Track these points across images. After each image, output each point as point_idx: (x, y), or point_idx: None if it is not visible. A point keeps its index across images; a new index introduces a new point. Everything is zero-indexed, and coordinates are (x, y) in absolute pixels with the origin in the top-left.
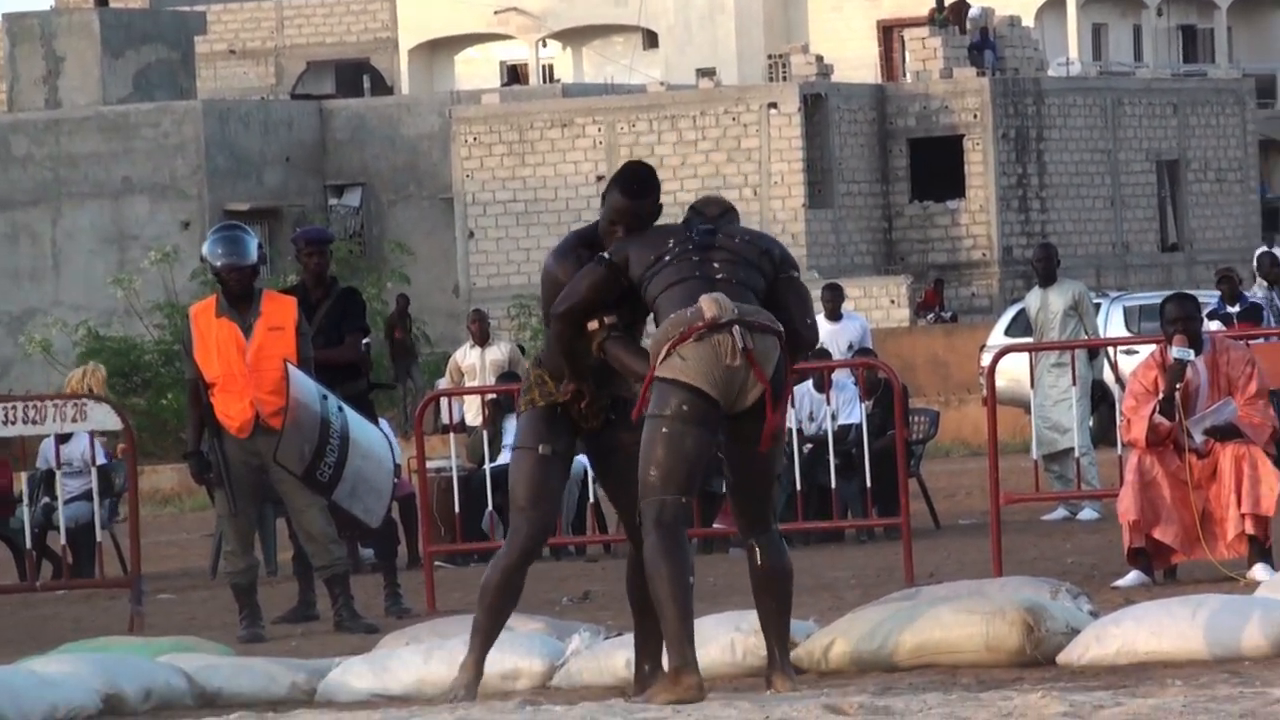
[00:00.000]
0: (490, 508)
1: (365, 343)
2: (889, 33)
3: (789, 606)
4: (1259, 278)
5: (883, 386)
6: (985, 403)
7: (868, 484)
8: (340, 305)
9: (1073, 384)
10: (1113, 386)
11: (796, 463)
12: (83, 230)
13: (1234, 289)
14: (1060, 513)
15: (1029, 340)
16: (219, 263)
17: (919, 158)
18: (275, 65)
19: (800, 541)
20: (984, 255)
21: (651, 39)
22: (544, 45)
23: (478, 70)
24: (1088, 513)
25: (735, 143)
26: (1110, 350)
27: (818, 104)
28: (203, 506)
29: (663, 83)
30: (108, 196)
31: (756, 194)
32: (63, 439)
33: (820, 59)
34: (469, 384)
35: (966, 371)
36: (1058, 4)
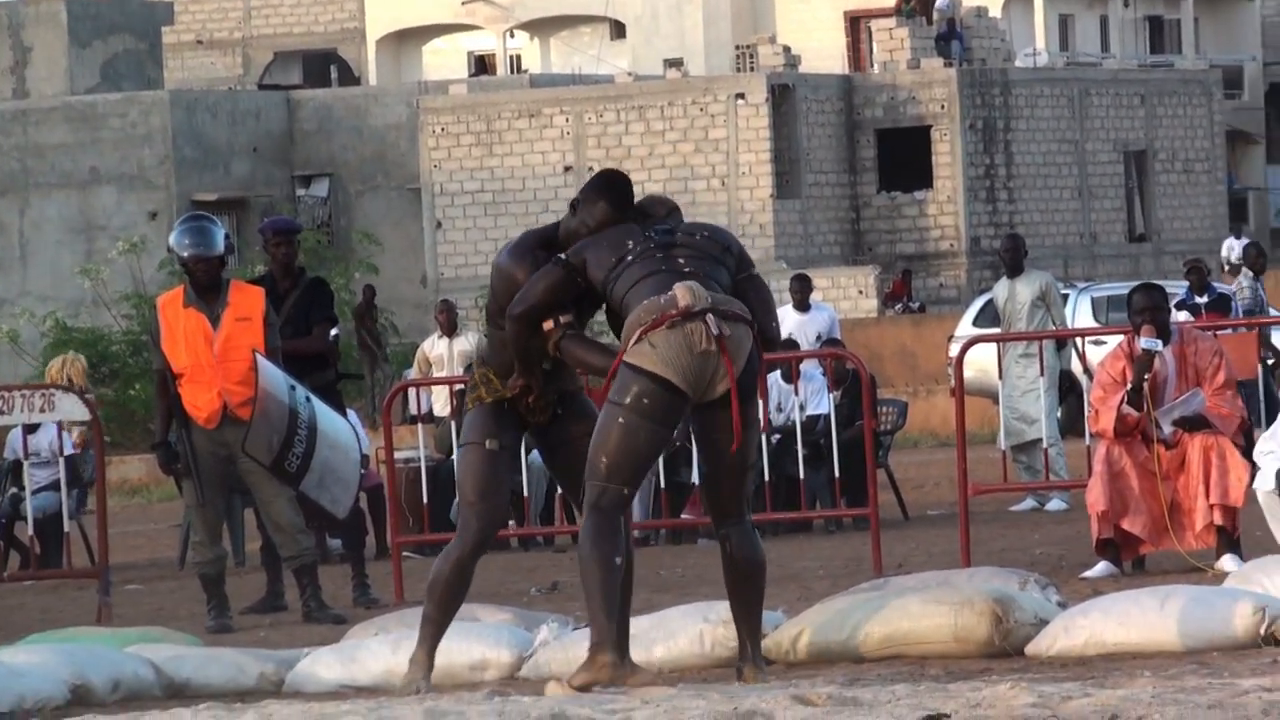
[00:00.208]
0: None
1: (333, 333)
2: (856, 23)
3: (761, 597)
4: (1245, 268)
5: (851, 377)
6: (953, 393)
7: (836, 474)
8: (308, 295)
9: (1040, 374)
10: (1081, 377)
11: (765, 453)
12: (50, 220)
13: (1203, 279)
14: (1028, 503)
15: (997, 331)
16: (185, 253)
17: (886, 148)
18: (242, 55)
19: (768, 532)
20: (952, 246)
21: (619, 30)
22: (511, 36)
23: (445, 61)
24: (1056, 503)
25: (703, 133)
26: (1078, 341)
27: (785, 95)
28: (171, 497)
29: (630, 73)
30: (75, 187)
31: (724, 184)
32: (30, 429)
33: (788, 50)
34: (437, 374)
35: (934, 362)
36: None
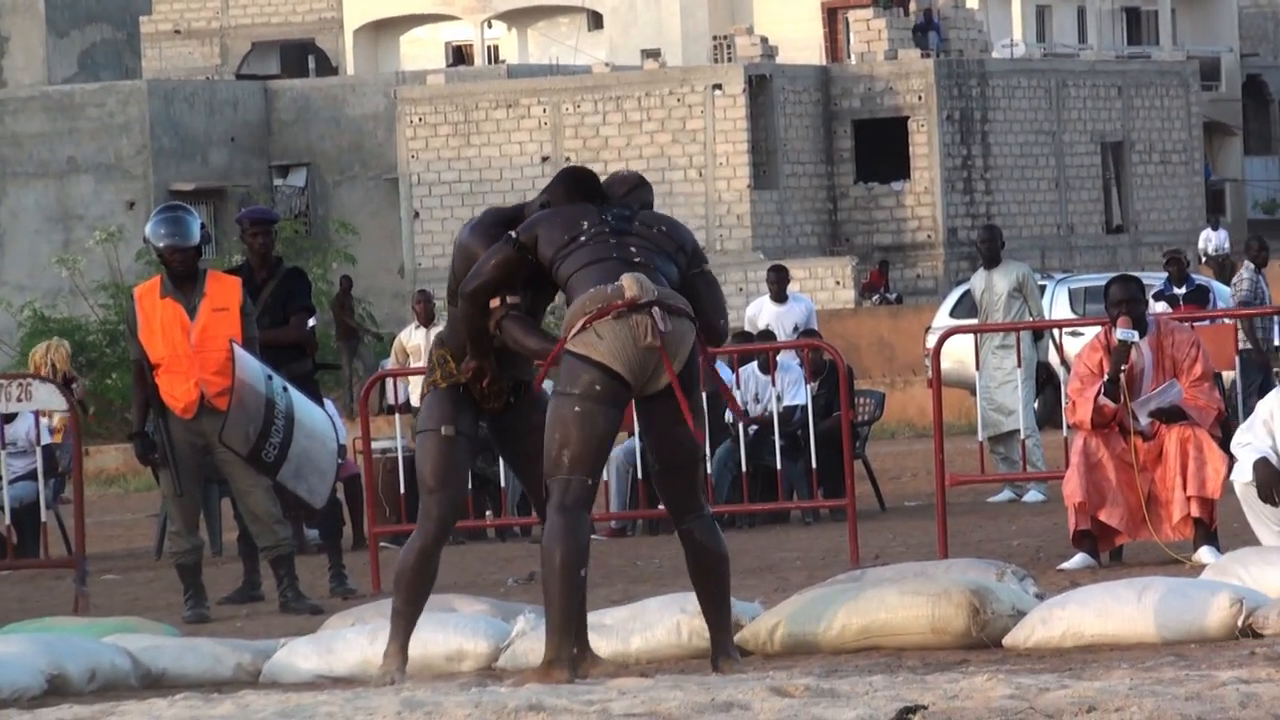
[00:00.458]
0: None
1: (311, 323)
2: (833, 14)
3: (727, 589)
4: (1247, 260)
5: (828, 368)
6: (930, 384)
7: (813, 465)
8: (285, 285)
9: (1018, 366)
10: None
11: (742, 444)
12: (27, 210)
13: (1182, 271)
14: (1006, 494)
15: (974, 322)
16: (161, 244)
17: (864, 139)
18: (220, 45)
19: (745, 523)
20: (929, 237)
21: (596, 20)
22: (489, 26)
23: (423, 51)
24: (1033, 495)
25: (680, 124)
26: (1055, 332)
27: (762, 85)
28: (148, 487)
29: (608, 64)
30: (52, 176)
31: (701, 175)
32: (7, 418)
33: (765, 40)
34: (414, 364)
35: (912, 353)
36: None
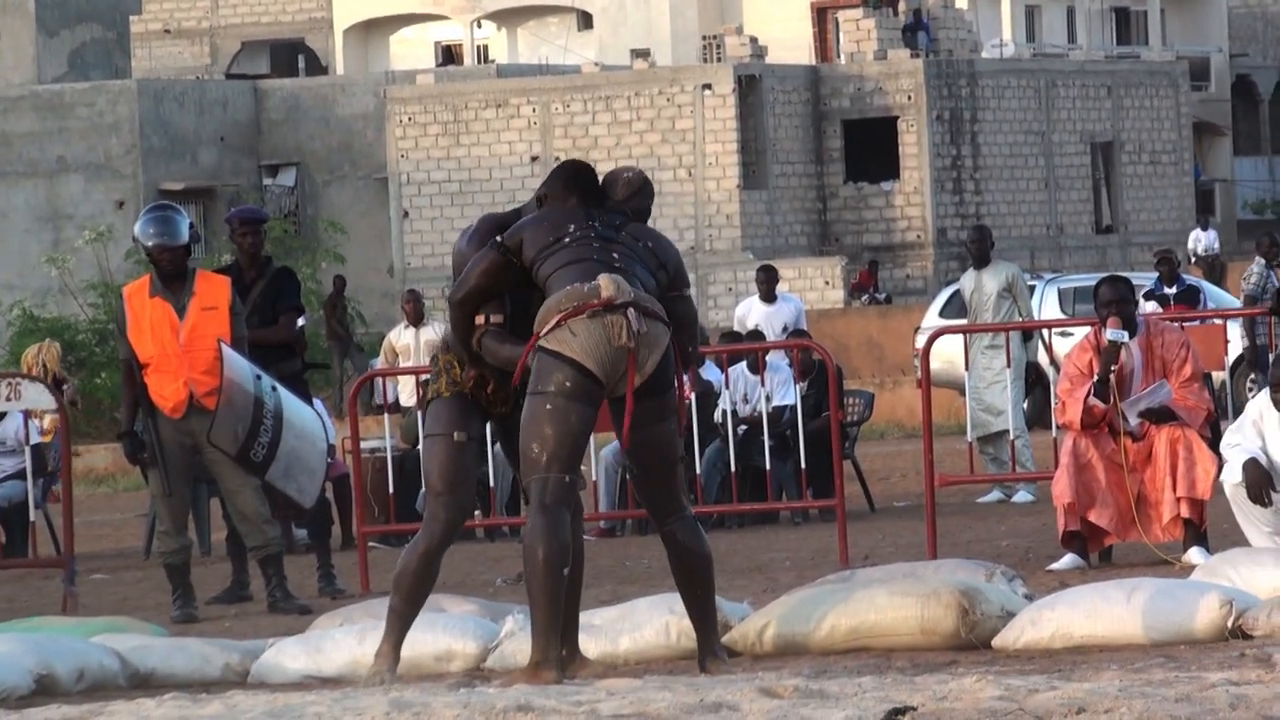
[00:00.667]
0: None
1: (300, 323)
2: (823, 14)
3: (712, 589)
4: (1258, 255)
5: (817, 368)
6: (920, 385)
7: (802, 466)
8: (275, 285)
9: (1007, 366)
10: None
11: (731, 444)
12: (17, 209)
13: (1173, 271)
14: (995, 495)
15: (963, 322)
16: (150, 243)
17: (853, 139)
18: (210, 45)
19: (735, 523)
20: (918, 237)
21: (586, 20)
22: (479, 26)
23: (412, 50)
24: (1022, 495)
25: (670, 124)
26: (1045, 332)
27: (752, 85)
28: (136, 486)
29: (597, 63)
30: (42, 175)
31: (691, 175)
32: None
33: (754, 40)
34: (403, 364)
35: (901, 353)
36: None
